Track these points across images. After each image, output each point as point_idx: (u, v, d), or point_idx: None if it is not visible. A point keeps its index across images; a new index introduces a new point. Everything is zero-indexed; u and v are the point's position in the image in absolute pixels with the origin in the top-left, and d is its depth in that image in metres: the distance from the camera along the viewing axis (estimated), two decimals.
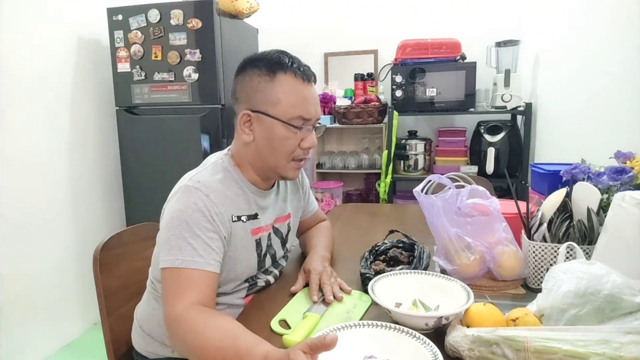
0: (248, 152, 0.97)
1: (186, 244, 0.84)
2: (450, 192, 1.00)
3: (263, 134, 0.94)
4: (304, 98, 0.93)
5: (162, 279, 0.85)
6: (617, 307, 0.64)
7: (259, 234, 1.00)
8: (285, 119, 0.92)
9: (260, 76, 0.92)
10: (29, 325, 2.03)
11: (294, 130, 0.93)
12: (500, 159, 2.39)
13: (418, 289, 0.89)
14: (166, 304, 0.81)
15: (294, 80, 0.92)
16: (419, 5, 2.81)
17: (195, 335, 0.75)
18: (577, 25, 1.85)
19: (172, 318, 0.79)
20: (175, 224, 0.85)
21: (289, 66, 0.93)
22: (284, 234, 1.09)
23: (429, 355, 0.65)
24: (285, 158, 0.96)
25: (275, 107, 0.92)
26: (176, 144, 2.32)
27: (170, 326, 0.79)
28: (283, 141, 0.93)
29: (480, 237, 0.97)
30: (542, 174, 1.34)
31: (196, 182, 0.90)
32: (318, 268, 1.01)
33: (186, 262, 0.83)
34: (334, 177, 2.99)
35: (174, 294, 0.81)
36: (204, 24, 2.20)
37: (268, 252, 1.03)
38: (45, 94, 2.12)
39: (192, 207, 0.86)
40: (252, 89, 0.93)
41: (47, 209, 2.13)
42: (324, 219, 1.31)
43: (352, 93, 2.86)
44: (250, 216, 0.97)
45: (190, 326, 0.76)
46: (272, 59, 0.93)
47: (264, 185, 1.02)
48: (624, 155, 1.02)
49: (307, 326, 0.79)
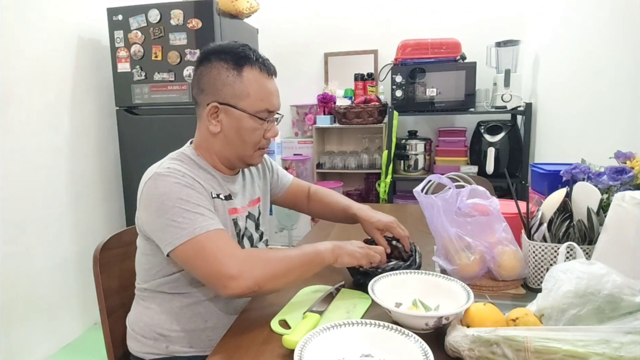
0: (214, 142, 1.00)
1: (193, 214, 0.86)
2: (450, 192, 1.01)
3: (231, 125, 0.97)
4: (269, 92, 0.98)
5: (188, 252, 0.85)
6: (617, 307, 0.64)
7: (235, 214, 1.03)
8: (252, 112, 0.96)
9: (228, 70, 0.96)
10: (29, 325, 2.03)
11: (260, 122, 0.98)
12: (500, 159, 2.39)
13: (418, 289, 0.89)
14: (220, 262, 0.83)
15: (260, 74, 0.97)
16: (419, 5, 2.81)
17: (272, 256, 0.87)
18: (577, 25, 1.85)
19: (241, 262, 0.83)
20: (170, 205, 0.87)
21: (255, 60, 0.97)
22: (256, 217, 1.12)
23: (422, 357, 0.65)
24: (252, 148, 1.00)
25: (244, 101, 0.96)
26: (176, 144, 2.29)
27: (245, 270, 0.82)
28: (251, 132, 0.98)
29: (480, 237, 0.97)
30: (542, 174, 1.34)
31: (166, 169, 0.92)
32: (391, 219, 1.11)
33: (205, 227, 0.86)
34: (334, 177, 2.99)
35: (224, 248, 0.85)
36: (204, 24, 2.20)
37: (245, 234, 1.06)
38: (45, 94, 2.12)
39: (176, 186, 0.89)
40: (220, 82, 0.96)
41: (47, 209, 2.13)
42: (308, 186, 1.33)
43: (352, 93, 2.86)
44: (226, 196, 1.01)
45: (263, 252, 0.89)
46: (239, 53, 0.97)
47: (230, 172, 1.06)
48: (624, 155, 1.01)
49: (307, 326, 0.79)
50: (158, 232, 0.89)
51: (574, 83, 1.87)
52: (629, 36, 1.40)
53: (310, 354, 0.67)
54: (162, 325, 0.99)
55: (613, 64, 1.51)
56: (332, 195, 1.29)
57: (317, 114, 2.91)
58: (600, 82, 1.60)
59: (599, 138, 1.58)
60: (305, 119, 3.00)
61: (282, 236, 2.86)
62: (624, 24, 1.44)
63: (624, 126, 1.42)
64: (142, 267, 1.01)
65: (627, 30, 1.41)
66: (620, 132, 1.44)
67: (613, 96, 1.50)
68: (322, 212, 1.30)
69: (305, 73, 3.02)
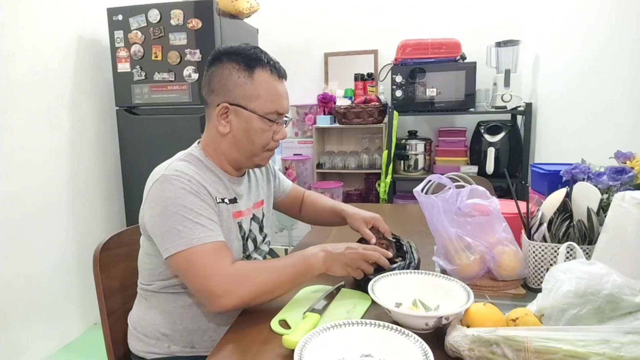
0: (223, 143, 1.01)
1: (193, 224, 0.87)
2: (450, 192, 1.00)
3: (240, 126, 0.98)
4: (279, 94, 0.99)
5: (182, 262, 0.86)
6: (617, 307, 0.64)
7: (240, 217, 1.03)
8: (262, 113, 0.97)
9: (239, 71, 0.96)
10: (29, 325, 2.03)
11: (269, 123, 0.99)
12: (500, 159, 2.39)
13: (418, 289, 0.89)
14: (208, 279, 0.84)
15: (270, 76, 0.98)
16: (419, 5, 2.81)
17: (260, 273, 0.88)
18: (577, 25, 1.85)
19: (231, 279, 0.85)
20: (173, 210, 0.87)
21: (266, 63, 0.98)
22: (260, 219, 1.13)
23: (422, 357, 0.65)
24: (260, 149, 1.01)
25: (254, 102, 0.97)
26: (176, 144, 2.28)
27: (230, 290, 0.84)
28: (260, 134, 0.99)
29: (480, 237, 0.97)
30: (542, 174, 1.34)
31: (173, 171, 0.92)
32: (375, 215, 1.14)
33: (202, 238, 0.87)
34: (334, 177, 2.99)
35: (214, 265, 0.85)
36: (204, 24, 2.20)
37: (249, 237, 1.07)
38: (45, 94, 2.12)
39: (181, 192, 0.89)
40: (231, 82, 0.97)
41: (47, 209, 2.13)
42: (303, 191, 1.37)
43: (352, 93, 2.86)
44: (231, 200, 1.01)
45: (250, 271, 0.88)
46: (250, 55, 0.97)
47: (236, 173, 1.07)
48: (624, 155, 1.01)
49: (307, 326, 0.79)
50: (158, 236, 0.90)
51: (574, 83, 1.87)
52: (629, 36, 1.40)
53: (310, 354, 0.67)
54: (165, 324, 0.99)
55: (613, 64, 1.51)
56: (321, 198, 1.34)
57: (317, 114, 2.91)
58: (600, 82, 1.60)
59: (599, 138, 1.58)
60: (305, 119, 3.00)
61: (282, 236, 2.86)
62: (623, 24, 1.44)
63: (624, 126, 1.42)
64: (145, 267, 1.01)
65: (627, 30, 1.42)
66: (620, 132, 1.44)
67: (613, 96, 1.50)
68: (312, 215, 1.34)
69: (305, 73, 3.02)
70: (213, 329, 0.99)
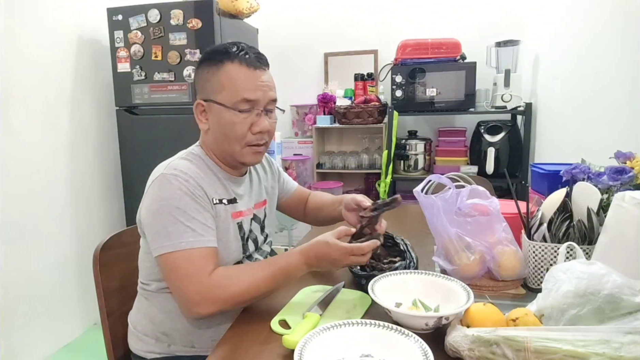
0: (209, 140, 1.02)
1: (184, 227, 0.88)
2: (450, 192, 1.00)
3: (214, 120, 0.98)
4: (247, 82, 0.95)
5: (167, 264, 0.87)
6: (617, 307, 0.64)
7: (239, 217, 1.03)
8: (230, 105, 0.95)
9: (209, 67, 0.97)
10: (29, 325, 2.03)
11: (239, 114, 0.95)
12: (500, 159, 2.39)
13: (418, 289, 0.89)
14: (190, 284, 0.85)
15: (239, 67, 0.95)
16: (419, 5, 2.81)
17: (239, 280, 0.87)
18: (576, 25, 1.85)
19: (207, 288, 0.85)
20: (167, 211, 0.88)
21: (236, 55, 0.96)
22: (261, 219, 1.12)
23: (422, 357, 0.65)
24: (237, 143, 0.97)
25: (220, 94, 0.95)
26: (176, 144, 2.28)
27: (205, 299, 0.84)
28: (231, 126, 0.96)
29: (480, 237, 0.97)
30: (542, 174, 1.34)
31: (173, 170, 0.93)
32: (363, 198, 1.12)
33: (190, 243, 0.87)
34: (334, 177, 2.99)
35: (194, 272, 0.86)
36: (204, 24, 2.20)
37: (250, 237, 1.06)
38: (45, 94, 2.12)
39: (177, 192, 0.89)
40: (203, 79, 0.98)
41: (47, 209, 2.13)
42: (308, 193, 1.36)
43: (352, 93, 2.86)
44: (230, 200, 1.01)
45: (230, 277, 0.88)
46: (219, 50, 0.98)
47: (236, 173, 1.06)
48: (624, 155, 1.01)
49: (307, 326, 0.79)
50: (150, 234, 0.91)
51: (574, 83, 1.87)
52: (629, 36, 1.40)
53: (310, 354, 0.67)
54: (165, 324, 0.99)
55: (613, 64, 1.51)
56: (326, 195, 1.34)
57: (317, 114, 2.91)
58: (600, 82, 1.60)
59: (599, 138, 1.58)
60: (305, 119, 3.00)
61: (282, 236, 2.86)
62: (623, 24, 1.44)
63: (624, 126, 1.42)
64: (145, 266, 1.01)
65: (627, 30, 1.41)
66: (620, 132, 1.44)
67: (613, 96, 1.50)
68: (316, 213, 1.31)
69: (305, 73, 3.02)
70: (213, 328, 0.99)
